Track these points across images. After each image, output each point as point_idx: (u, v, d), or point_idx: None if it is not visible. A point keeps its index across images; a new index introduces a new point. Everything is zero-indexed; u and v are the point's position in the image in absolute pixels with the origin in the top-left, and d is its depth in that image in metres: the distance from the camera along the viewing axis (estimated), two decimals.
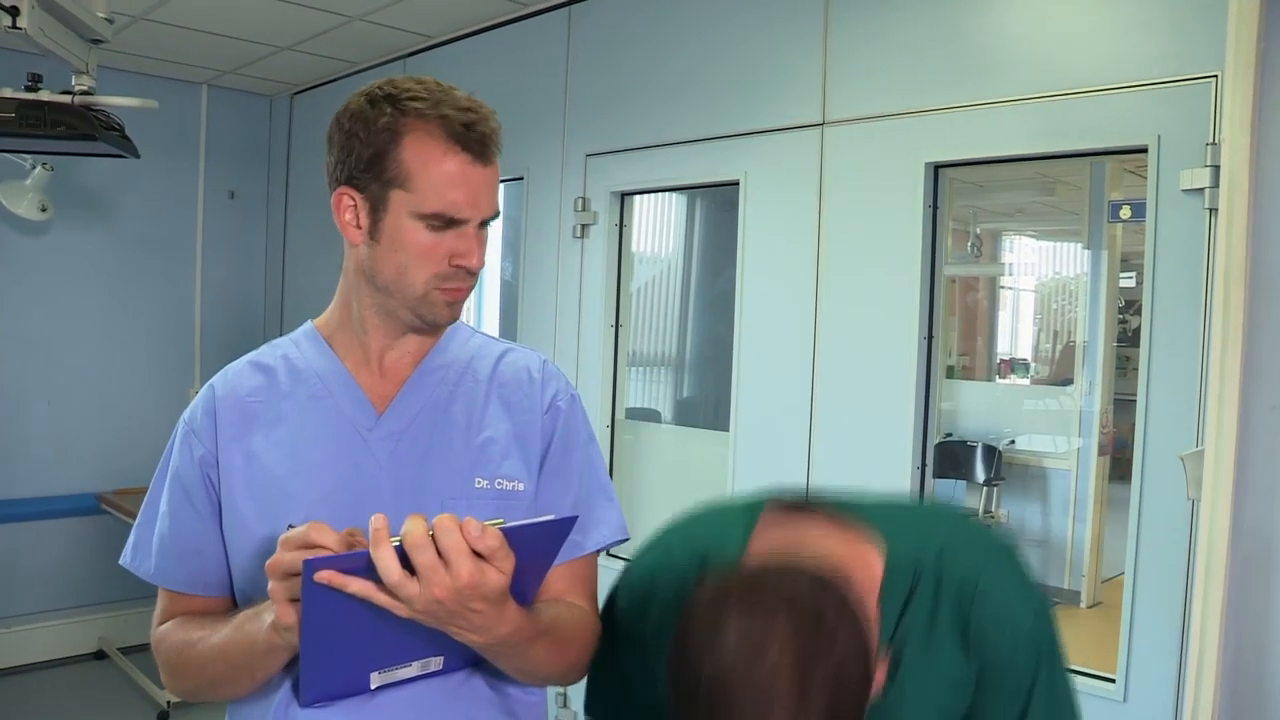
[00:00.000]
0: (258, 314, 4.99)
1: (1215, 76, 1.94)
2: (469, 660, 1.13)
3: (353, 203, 1.17)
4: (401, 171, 1.12)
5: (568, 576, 1.24)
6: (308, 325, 1.30)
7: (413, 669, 1.10)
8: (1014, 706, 1.06)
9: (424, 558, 0.90)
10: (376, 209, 1.15)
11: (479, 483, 1.20)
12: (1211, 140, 1.95)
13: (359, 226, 1.17)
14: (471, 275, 1.18)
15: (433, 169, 1.12)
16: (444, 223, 1.13)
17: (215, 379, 1.27)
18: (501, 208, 1.22)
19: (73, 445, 4.43)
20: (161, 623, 1.25)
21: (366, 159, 1.14)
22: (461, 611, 0.94)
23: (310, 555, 0.93)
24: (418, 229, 1.14)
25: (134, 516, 1.27)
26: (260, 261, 5.01)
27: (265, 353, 1.29)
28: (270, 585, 0.98)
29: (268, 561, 0.97)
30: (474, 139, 1.13)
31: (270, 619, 1.01)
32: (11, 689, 4.06)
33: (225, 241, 4.87)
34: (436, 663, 1.11)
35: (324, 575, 0.90)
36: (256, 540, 1.17)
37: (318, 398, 1.23)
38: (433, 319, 1.20)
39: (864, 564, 1.04)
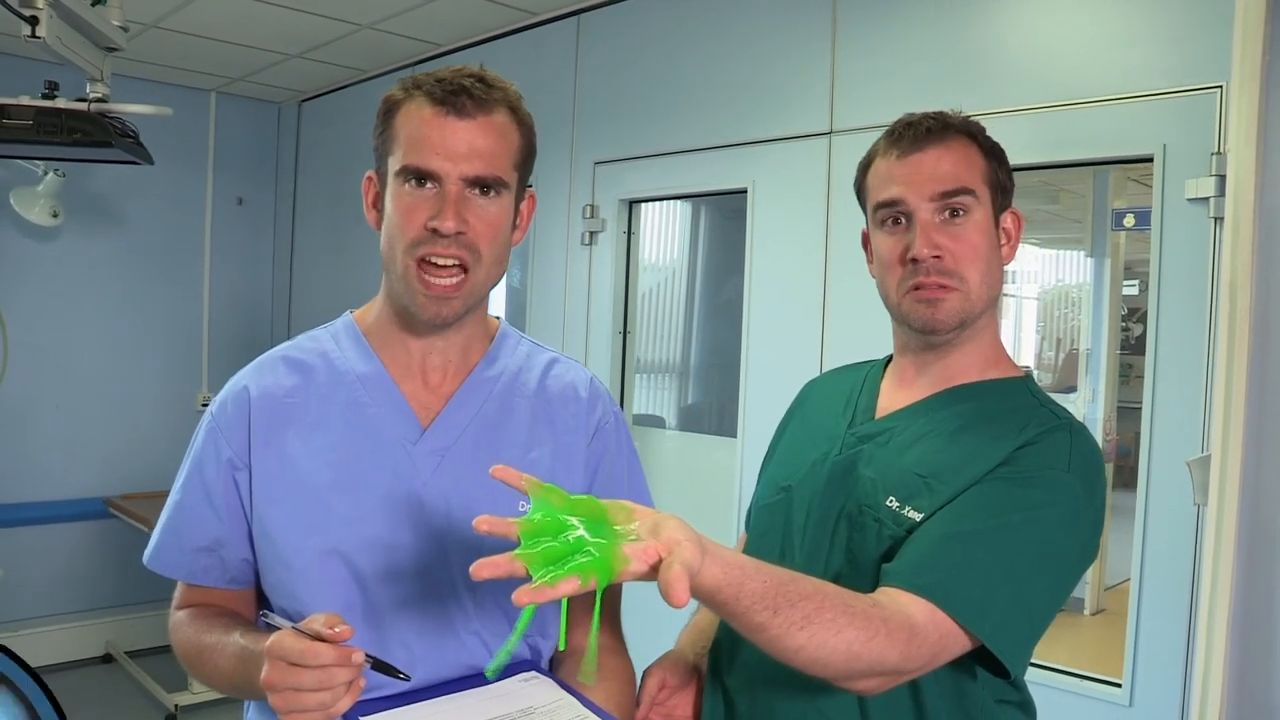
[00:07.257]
0: (265, 320, 5.01)
1: (1220, 87, 1.96)
2: None
3: (374, 187, 1.19)
4: (392, 137, 1.14)
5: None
6: (347, 317, 1.27)
7: None
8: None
9: None
10: (383, 184, 1.17)
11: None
12: (1217, 150, 1.96)
13: (377, 209, 1.19)
14: (445, 241, 1.11)
15: (409, 126, 1.13)
16: (417, 177, 1.11)
17: (248, 376, 1.22)
18: (513, 178, 1.17)
19: (81, 450, 4.45)
20: (178, 608, 1.23)
21: (377, 136, 1.17)
22: None
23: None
24: (400, 190, 1.13)
25: (142, 521, 1.26)
26: (268, 268, 5.03)
27: (302, 347, 1.24)
28: (271, 699, 0.95)
29: (263, 678, 0.94)
30: (448, 92, 1.12)
31: None
32: None
33: (233, 248, 4.90)
34: None
35: None
36: (293, 552, 1.14)
37: (359, 405, 1.19)
38: (416, 309, 1.15)
39: None
